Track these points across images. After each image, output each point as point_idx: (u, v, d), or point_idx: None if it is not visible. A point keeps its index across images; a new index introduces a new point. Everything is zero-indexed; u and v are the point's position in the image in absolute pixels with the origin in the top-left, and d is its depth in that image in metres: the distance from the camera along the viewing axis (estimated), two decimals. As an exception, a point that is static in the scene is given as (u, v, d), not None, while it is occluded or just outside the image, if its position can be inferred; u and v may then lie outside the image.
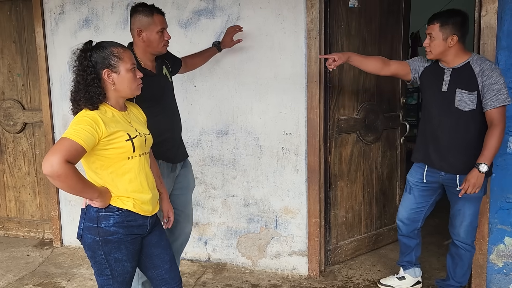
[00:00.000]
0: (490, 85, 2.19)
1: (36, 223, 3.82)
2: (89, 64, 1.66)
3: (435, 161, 2.41)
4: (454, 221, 2.43)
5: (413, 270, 2.76)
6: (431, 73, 2.43)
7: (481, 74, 2.21)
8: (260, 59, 2.93)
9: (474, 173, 2.24)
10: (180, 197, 2.42)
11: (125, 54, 1.72)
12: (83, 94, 1.65)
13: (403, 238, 2.69)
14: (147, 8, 2.21)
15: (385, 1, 3.12)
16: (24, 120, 3.72)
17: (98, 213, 1.68)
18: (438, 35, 2.28)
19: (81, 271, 3.18)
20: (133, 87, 1.75)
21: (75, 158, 1.54)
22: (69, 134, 1.55)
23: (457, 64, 2.31)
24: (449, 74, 2.32)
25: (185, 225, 2.49)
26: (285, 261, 3.06)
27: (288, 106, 2.91)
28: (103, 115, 1.66)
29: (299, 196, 2.97)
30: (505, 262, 2.61)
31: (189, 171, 2.50)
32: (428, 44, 2.33)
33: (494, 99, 2.19)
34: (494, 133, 2.20)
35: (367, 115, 3.14)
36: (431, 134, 2.43)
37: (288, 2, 2.82)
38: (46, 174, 1.50)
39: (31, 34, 3.58)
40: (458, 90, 2.28)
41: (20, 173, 3.82)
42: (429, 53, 2.35)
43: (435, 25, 2.29)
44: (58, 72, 3.47)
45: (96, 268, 1.74)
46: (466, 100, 2.26)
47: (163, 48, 2.25)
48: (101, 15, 3.26)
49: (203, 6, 3.02)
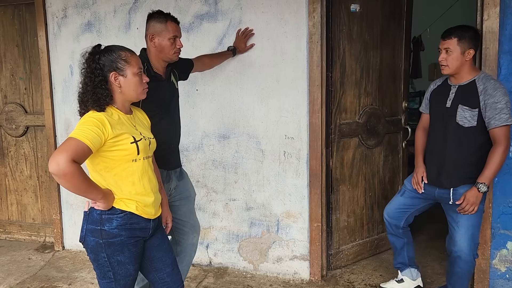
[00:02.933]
0: (493, 104, 2.20)
1: (38, 227, 3.82)
2: (97, 67, 1.69)
3: (433, 177, 2.45)
4: (453, 234, 2.39)
5: (409, 271, 2.77)
6: (439, 91, 2.49)
7: (483, 92, 2.24)
8: (262, 63, 2.94)
9: (473, 192, 2.26)
10: (181, 207, 2.40)
11: (133, 58, 1.75)
12: (91, 95, 1.68)
13: (391, 237, 2.72)
14: (162, 15, 2.26)
15: (386, 5, 3.12)
16: (26, 123, 3.73)
17: (101, 216, 1.69)
18: (456, 49, 2.28)
19: (82, 275, 3.18)
20: (139, 91, 1.77)
21: (81, 158, 1.55)
22: (76, 134, 1.57)
23: (464, 81, 2.34)
24: (455, 91, 2.36)
25: (192, 236, 2.47)
26: (286, 266, 3.05)
27: (290, 110, 2.91)
28: (110, 117, 1.68)
29: (301, 200, 2.96)
30: (507, 267, 2.60)
31: (187, 181, 2.50)
32: (444, 59, 2.32)
33: (497, 118, 2.20)
34: (495, 152, 2.22)
35: (369, 119, 3.13)
36: (432, 152, 2.47)
37: (290, 6, 2.82)
38: (52, 173, 1.51)
39: (33, 38, 3.59)
40: (460, 106, 2.31)
41: (22, 176, 3.82)
42: (446, 68, 2.34)
43: (452, 39, 2.28)
44: (61, 76, 3.48)
45: (98, 271, 1.74)
46: (467, 116, 2.29)
47: (174, 55, 2.27)
48: (104, 19, 3.28)
49: (205, 10, 3.03)
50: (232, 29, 2.96)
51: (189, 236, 2.45)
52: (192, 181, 2.97)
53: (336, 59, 2.93)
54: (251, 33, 2.90)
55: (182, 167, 2.50)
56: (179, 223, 2.40)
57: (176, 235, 2.43)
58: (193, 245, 2.49)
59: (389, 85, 3.23)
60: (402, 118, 3.35)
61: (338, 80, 2.97)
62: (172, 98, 2.36)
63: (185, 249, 2.45)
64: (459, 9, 5.05)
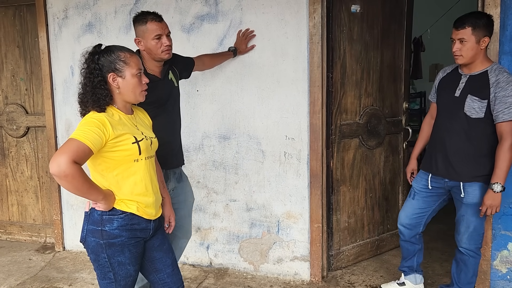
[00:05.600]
0: (503, 97, 2.16)
1: (38, 227, 3.82)
2: (96, 67, 1.69)
3: (440, 168, 2.41)
4: (458, 227, 2.41)
5: (414, 276, 2.73)
6: (448, 79, 2.44)
7: (495, 84, 2.19)
8: (263, 64, 2.94)
9: (489, 194, 2.23)
10: (178, 211, 2.34)
11: (132, 59, 1.74)
12: (90, 96, 1.68)
13: (405, 243, 2.67)
14: (142, 16, 2.23)
15: (387, 6, 3.12)
16: (27, 124, 3.73)
17: (102, 216, 1.69)
18: (471, 38, 2.21)
19: (83, 276, 3.18)
20: (137, 92, 1.76)
21: (82, 159, 1.55)
22: (76, 135, 1.57)
23: (476, 71, 2.29)
24: (465, 81, 2.32)
25: (182, 240, 2.47)
26: (287, 267, 3.05)
27: (290, 111, 2.91)
28: (111, 117, 1.68)
29: (301, 201, 2.96)
30: (508, 268, 2.59)
31: (187, 184, 2.48)
32: (459, 49, 2.24)
33: (506, 112, 2.17)
34: (503, 148, 2.18)
35: (369, 120, 3.13)
36: (438, 140, 2.43)
37: (291, 7, 2.82)
38: (53, 174, 1.51)
39: (34, 38, 3.60)
40: (470, 96, 2.27)
41: (22, 177, 3.83)
42: (460, 57, 2.27)
43: (467, 29, 2.21)
44: (61, 76, 3.48)
45: (99, 272, 1.74)
46: (475, 107, 2.25)
47: (163, 54, 2.23)
48: (104, 20, 3.28)
49: (205, 11, 3.03)
50: (233, 30, 2.96)
51: (179, 241, 2.44)
52: (192, 182, 2.98)
53: (336, 60, 2.93)
54: (251, 34, 2.90)
55: (182, 170, 2.49)
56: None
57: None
58: (181, 249, 2.49)
59: (389, 85, 3.23)
60: (403, 119, 3.35)
61: (338, 81, 2.97)
62: (169, 97, 2.34)
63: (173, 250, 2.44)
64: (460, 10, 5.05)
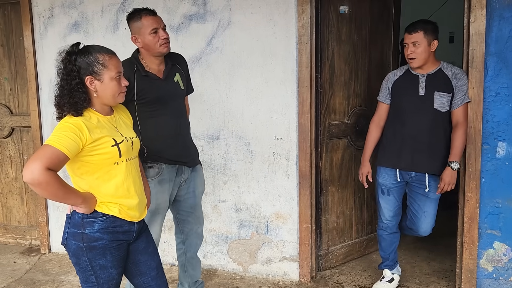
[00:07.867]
0: (461, 86, 2.45)
1: (24, 230, 3.76)
2: (73, 69, 1.63)
3: (407, 162, 2.56)
4: (418, 222, 2.62)
5: (397, 268, 2.85)
6: (404, 81, 2.60)
7: (454, 77, 2.46)
8: (251, 64, 2.93)
9: (448, 171, 2.45)
10: (189, 200, 2.41)
11: (111, 62, 1.67)
12: (67, 99, 1.62)
13: (388, 236, 2.76)
14: (136, 12, 2.20)
15: (375, 7, 3.14)
16: (12, 124, 3.67)
17: (83, 219, 1.65)
18: (423, 41, 2.45)
19: (69, 278, 3.13)
20: (116, 95, 1.70)
21: (57, 166, 1.51)
22: (51, 141, 1.52)
23: (431, 71, 2.52)
24: (424, 80, 2.52)
25: (196, 226, 2.49)
26: (276, 267, 3.04)
27: (279, 111, 2.91)
28: (88, 121, 1.63)
29: (290, 201, 2.96)
30: (494, 267, 2.63)
31: (198, 175, 2.47)
32: (413, 52, 2.47)
33: (462, 99, 2.46)
34: (461, 132, 2.45)
35: (358, 120, 3.14)
36: (405, 136, 2.56)
37: (279, 7, 2.82)
38: (26, 181, 1.47)
39: (19, 37, 3.54)
40: (436, 92, 2.48)
41: (7, 178, 3.76)
42: (415, 60, 2.49)
43: (419, 32, 2.45)
44: (47, 76, 3.43)
45: (81, 275, 1.71)
46: (444, 101, 2.47)
47: (161, 47, 2.19)
48: (91, 19, 3.24)
49: (194, 10, 3.01)
50: (221, 29, 2.94)
51: (193, 226, 2.48)
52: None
53: (325, 60, 2.94)
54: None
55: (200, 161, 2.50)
56: (184, 215, 2.44)
57: (180, 225, 2.47)
58: (198, 234, 2.51)
59: (377, 86, 3.22)
60: (391, 119, 3.37)
61: (327, 81, 2.97)
62: (173, 97, 2.29)
63: (189, 236, 2.48)
64: (447, 11, 5.11)
